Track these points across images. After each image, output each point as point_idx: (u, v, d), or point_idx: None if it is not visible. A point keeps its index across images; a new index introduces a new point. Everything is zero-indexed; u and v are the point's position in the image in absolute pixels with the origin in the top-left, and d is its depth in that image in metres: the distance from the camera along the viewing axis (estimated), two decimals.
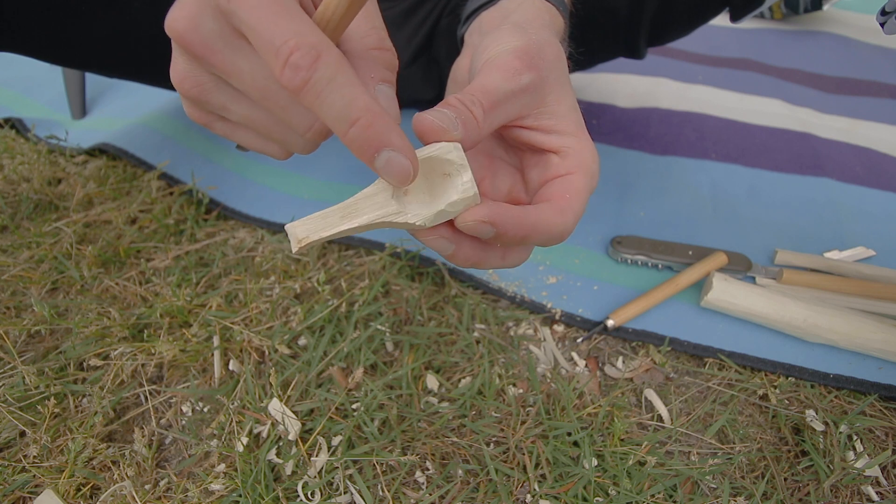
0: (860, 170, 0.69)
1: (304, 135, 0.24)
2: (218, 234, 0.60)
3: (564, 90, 0.27)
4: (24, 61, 0.98)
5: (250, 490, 0.39)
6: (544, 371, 0.47)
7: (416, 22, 0.63)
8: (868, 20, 1.13)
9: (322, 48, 0.19)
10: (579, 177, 0.26)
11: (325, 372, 0.47)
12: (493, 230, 0.23)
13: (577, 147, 0.26)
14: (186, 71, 0.23)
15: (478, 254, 0.26)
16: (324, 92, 0.19)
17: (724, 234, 0.59)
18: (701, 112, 0.80)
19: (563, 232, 0.25)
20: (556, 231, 0.24)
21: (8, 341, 0.49)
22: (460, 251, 0.25)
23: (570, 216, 0.25)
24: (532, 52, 0.26)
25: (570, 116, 0.27)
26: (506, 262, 0.27)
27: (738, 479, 0.41)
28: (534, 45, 0.26)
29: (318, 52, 0.19)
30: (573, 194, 0.25)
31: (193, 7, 0.21)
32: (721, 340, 0.49)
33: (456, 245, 0.25)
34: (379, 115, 0.20)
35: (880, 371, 0.46)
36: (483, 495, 0.39)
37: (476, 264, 0.26)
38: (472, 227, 0.23)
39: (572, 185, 0.26)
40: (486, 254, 0.26)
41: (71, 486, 0.40)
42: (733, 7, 0.55)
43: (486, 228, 0.23)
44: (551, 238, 0.25)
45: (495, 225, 0.23)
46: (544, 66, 0.26)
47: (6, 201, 0.64)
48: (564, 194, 0.25)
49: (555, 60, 0.27)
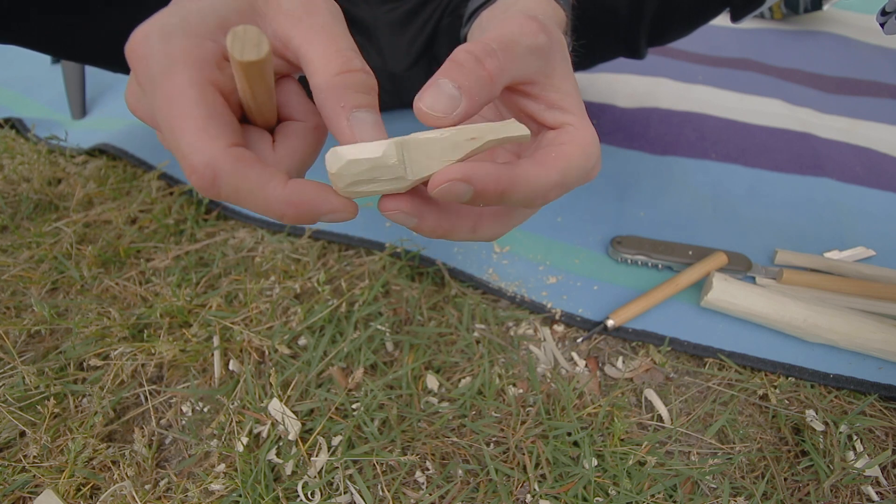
0: (860, 170, 0.69)
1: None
2: (218, 234, 0.60)
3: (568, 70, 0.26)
4: (25, 61, 0.98)
5: (250, 490, 0.39)
6: (544, 371, 0.47)
7: (418, 23, 0.63)
8: (868, 20, 1.13)
9: (217, 163, 0.19)
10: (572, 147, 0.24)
11: (325, 372, 0.47)
12: (470, 190, 0.21)
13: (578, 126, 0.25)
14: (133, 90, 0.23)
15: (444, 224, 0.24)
16: (238, 201, 0.20)
17: (724, 234, 0.59)
18: (701, 112, 0.80)
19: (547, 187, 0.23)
20: (539, 185, 0.22)
21: (8, 341, 0.49)
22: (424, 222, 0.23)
23: (555, 173, 0.23)
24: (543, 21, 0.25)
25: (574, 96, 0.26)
26: (477, 233, 0.25)
27: (738, 479, 0.41)
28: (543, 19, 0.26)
29: (213, 169, 0.19)
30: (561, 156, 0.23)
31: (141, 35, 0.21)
32: (721, 340, 0.49)
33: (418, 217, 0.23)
34: (298, 204, 0.20)
35: (880, 371, 0.46)
36: (483, 495, 0.39)
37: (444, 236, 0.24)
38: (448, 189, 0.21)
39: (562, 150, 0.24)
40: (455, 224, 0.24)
41: (71, 486, 0.40)
42: (733, 7, 0.55)
43: (462, 188, 0.21)
44: (532, 194, 0.22)
45: (472, 183, 0.21)
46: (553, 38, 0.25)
47: (6, 201, 0.64)
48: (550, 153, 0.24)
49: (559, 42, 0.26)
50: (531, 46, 0.24)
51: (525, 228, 0.60)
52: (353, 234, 0.58)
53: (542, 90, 0.25)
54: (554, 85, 0.25)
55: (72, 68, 0.80)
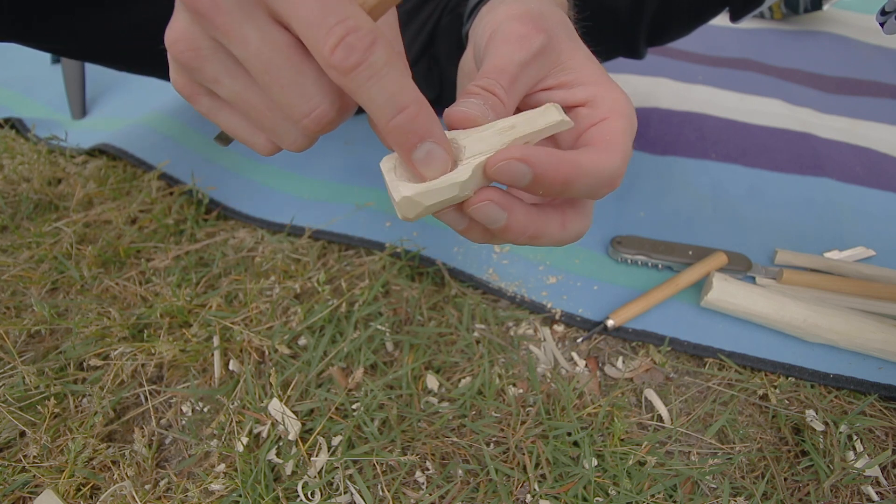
0: (860, 170, 0.69)
1: (300, 121, 0.21)
2: (218, 234, 0.60)
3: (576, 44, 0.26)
4: (25, 61, 0.98)
5: (250, 490, 0.39)
6: (544, 371, 0.47)
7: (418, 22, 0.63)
8: (868, 20, 1.13)
9: (377, 34, 0.18)
10: (615, 119, 0.23)
11: (325, 372, 0.47)
12: (529, 171, 0.20)
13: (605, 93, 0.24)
14: (184, 30, 0.21)
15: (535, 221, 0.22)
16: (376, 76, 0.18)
17: (724, 234, 0.59)
18: (701, 112, 0.80)
19: (613, 173, 0.22)
20: (605, 172, 0.21)
21: (8, 341, 0.49)
22: (514, 217, 0.22)
23: (618, 156, 0.22)
24: (534, 15, 0.25)
25: (589, 66, 0.25)
26: (567, 231, 0.24)
27: (738, 479, 0.41)
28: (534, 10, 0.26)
29: (374, 36, 0.18)
30: (614, 135, 0.23)
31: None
32: (721, 340, 0.49)
33: (508, 211, 0.22)
34: (426, 106, 0.20)
35: (880, 371, 0.46)
36: (483, 495, 0.39)
37: (534, 236, 0.23)
38: (505, 168, 0.20)
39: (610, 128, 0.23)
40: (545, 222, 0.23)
41: (71, 486, 0.40)
42: (733, 7, 0.55)
43: (520, 168, 0.20)
44: (600, 181, 0.22)
45: (530, 163, 0.20)
46: (550, 26, 0.25)
47: (6, 201, 0.64)
48: (605, 136, 0.23)
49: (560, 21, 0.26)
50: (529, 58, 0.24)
51: None
52: (353, 234, 0.58)
53: (555, 78, 0.25)
54: (564, 67, 0.25)
55: (72, 68, 0.80)
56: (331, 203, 0.63)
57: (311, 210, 0.62)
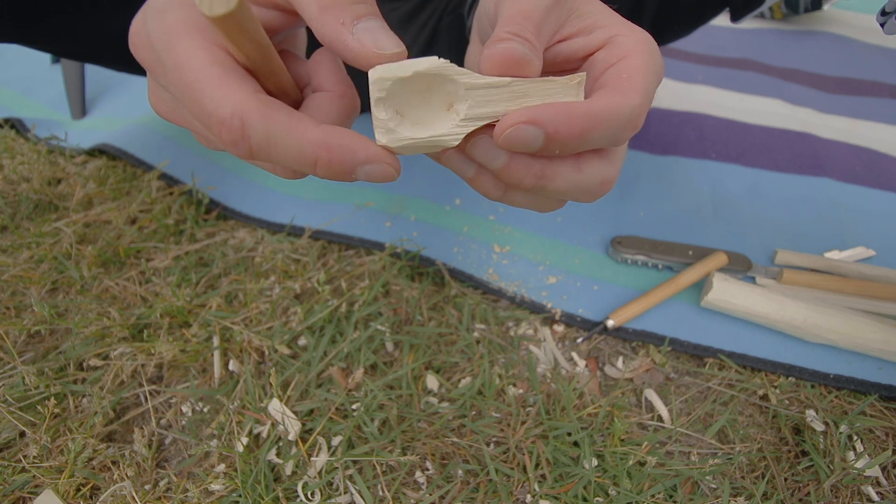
0: (860, 170, 0.69)
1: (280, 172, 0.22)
2: (218, 234, 0.60)
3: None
4: (24, 61, 0.98)
5: (250, 490, 0.39)
6: (544, 371, 0.47)
7: (419, 23, 0.63)
8: (868, 20, 1.13)
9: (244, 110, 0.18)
10: (633, 57, 0.21)
11: (325, 372, 0.47)
12: (541, 133, 0.18)
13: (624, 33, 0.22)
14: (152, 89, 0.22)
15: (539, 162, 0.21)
16: (270, 151, 0.18)
17: (724, 234, 0.59)
18: (701, 112, 0.80)
19: (632, 114, 0.20)
20: (623, 114, 0.19)
21: (8, 341, 0.49)
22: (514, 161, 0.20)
23: (636, 95, 0.20)
24: None
25: (605, 10, 0.24)
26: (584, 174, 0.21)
27: (738, 479, 0.41)
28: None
29: (241, 116, 0.18)
30: (632, 72, 0.21)
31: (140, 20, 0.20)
32: (721, 340, 0.49)
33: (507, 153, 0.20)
34: (334, 148, 0.18)
35: (880, 371, 0.46)
36: (483, 495, 0.39)
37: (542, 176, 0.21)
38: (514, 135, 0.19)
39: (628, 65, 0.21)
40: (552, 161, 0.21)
41: (71, 486, 0.40)
42: (733, 7, 0.54)
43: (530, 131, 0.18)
44: (619, 126, 0.20)
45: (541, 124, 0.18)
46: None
47: (6, 201, 0.64)
48: (621, 75, 0.21)
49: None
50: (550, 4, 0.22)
51: (525, 228, 0.60)
52: (353, 235, 0.58)
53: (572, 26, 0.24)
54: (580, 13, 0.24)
55: (72, 68, 0.80)
56: (331, 203, 0.63)
57: (310, 210, 0.62)
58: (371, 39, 0.20)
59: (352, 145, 0.19)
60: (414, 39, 0.63)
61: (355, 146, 0.19)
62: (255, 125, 0.18)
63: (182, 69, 0.18)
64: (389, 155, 0.20)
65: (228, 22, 0.16)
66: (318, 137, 0.18)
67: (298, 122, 0.18)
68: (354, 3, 0.20)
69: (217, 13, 0.16)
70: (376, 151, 0.19)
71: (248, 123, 0.18)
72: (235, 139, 0.18)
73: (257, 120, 0.18)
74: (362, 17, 0.20)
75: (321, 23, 0.20)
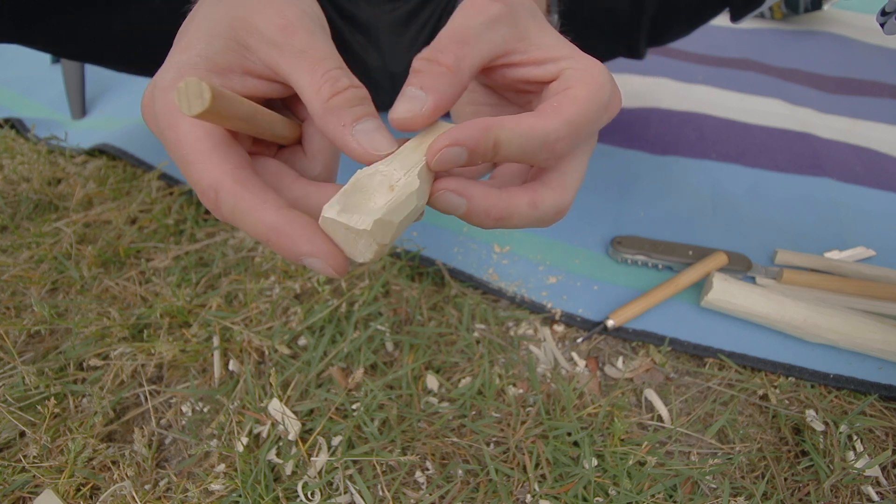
0: (860, 170, 0.69)
1: None
2: (218, 234, 0.60)
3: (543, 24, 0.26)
4: (24, 61, 0.98)
5: (250, 490, 0.39)
6: (544, 371, 0.47)
7: (419, 23, 0.63)
8: (868, 20, 1.13)
9: (218, 185, 0.20)
10: (576, 88, 0.23)
11: (325, 372, 0.47)
12: (464, 149, 0.21)
13: (577, 65, 0.23)
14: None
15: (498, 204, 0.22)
16: (234, 221, 0.21)
17: (724, 234, 0.59)
18: (701, 112, 0.80)
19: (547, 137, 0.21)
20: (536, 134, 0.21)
21: (8, 341, 0.49)
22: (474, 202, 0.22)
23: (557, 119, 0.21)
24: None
25: (560, 45, 0.25)
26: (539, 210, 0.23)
27: (738, 479, 0.41)
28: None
29: (215, 190, 0.21)
30: (564, 101, 0.22)
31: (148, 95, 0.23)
32: (721, 340, 0.49)
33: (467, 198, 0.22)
34: (282, 234, 0.20)
35: (880, 371, 0.46)
36: (483, 495, 0.39)
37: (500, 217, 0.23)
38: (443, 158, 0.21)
39: (567, 95, 0.22)
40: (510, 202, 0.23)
41: (71, 486, 0.40)
42: (733, 7, 0.54)
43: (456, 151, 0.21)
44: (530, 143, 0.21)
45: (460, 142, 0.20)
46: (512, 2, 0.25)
47: (6, 201, 0.64)
48: (551, 103, 0.22)
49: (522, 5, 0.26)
50: (486, 21, 0.24)
51: (525, 228, 0.60)
52: None
53: (524, 54, 0.25)
54: (533, 43, 0.25)
55: (72, 68, 0.80)
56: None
57: None
58: (369, 142, 0.22)
59: (296, 235, 0.20)
60: (414, 39, 0.63)
61: (299, 238, 0.20)
62: (224, 199, 0.21)
63: (179, 143, 0.21)
64: (332, 253, 0.20)
65: (207, 115, 0.19)
66: (271, 221, 0.20)
67: (262, 202, 0.20)
68: (353, 105, 0.23)
69: (194, 112, 0.18)
70: (316, 248, 0.20)
71: (220, 195, 0.21)
72: (212, 207, 0.21)
73: (227, 193, 0.21)
74: (361, 119, 0.22)
75: (324, 122, 0.23)
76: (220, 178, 0.21)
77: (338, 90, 0.22)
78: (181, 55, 0.23)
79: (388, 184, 0.21)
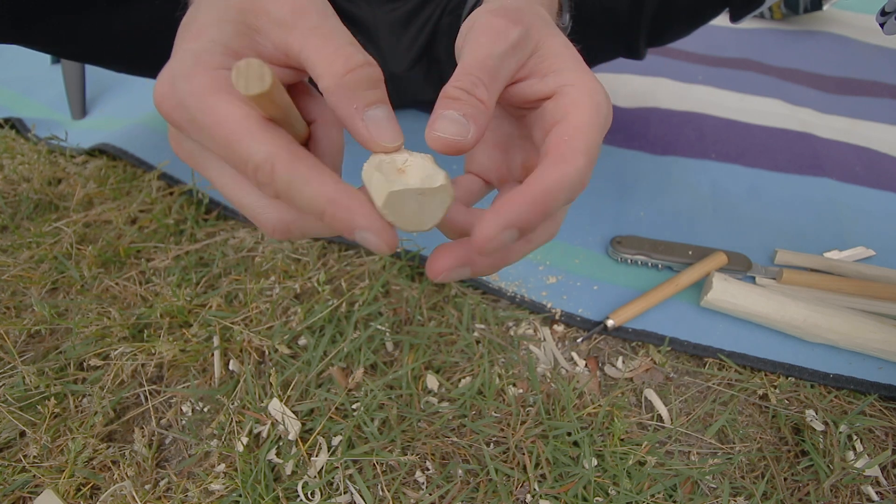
0: (860, 170, 0.69)
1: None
2: (218, 234, 0.60)
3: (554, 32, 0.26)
4: (24, 61, 0.98)
5: (250, 490, 0.39)
6: (544, 371, 0.47)
7: (419, 23, 0.63)
8: (868, 20, 1.13)
9: (274, 157, 0.20)
10: (578, 113, 0.23)
11: (325, 372, 0.47)
12: (515, 233, 0.21)
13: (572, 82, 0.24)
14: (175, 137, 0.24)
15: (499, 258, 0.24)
16: (290, 194, 0.20)
17: (724, 234, 0.59)
18: (701, 112, 0.80)
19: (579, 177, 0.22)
20: (571, 181, 0.21)
21: (8, 341, 0.49)
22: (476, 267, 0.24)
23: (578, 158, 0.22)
24: (509, 9, 0.25)
25: (563, 53, 0.25)
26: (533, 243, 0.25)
27: (738, 479, 0.41)
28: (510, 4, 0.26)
29: (272, 163, 0.20)
30: (573, 134, 0.23)
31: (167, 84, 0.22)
32: (721, 340, 0.49)
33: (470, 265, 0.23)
34: (340, 206, 0.20)
35: (880, 371, 0.46)
36: (483, 495, 0.39)
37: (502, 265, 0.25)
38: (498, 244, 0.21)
39: (570, 125, 0.23)
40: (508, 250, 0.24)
41: (71, 486, 0.40)
42: (733, 7, 0.54)
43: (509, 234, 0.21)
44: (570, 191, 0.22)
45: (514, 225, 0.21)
46: (526, 19, 0.25)
47: (6, 201, 0.64)
48: (563, 138, 0.23)
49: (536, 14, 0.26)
50: (508, 50, 0.24)
51: None
52: None
53: (531, 69, 0.25)
54: (538, 55, 0.25)
55: (72, 68, 0.80)
56: None
57: None
58: (378, 131, 0.22)
59: (354, 208, 0.20)
60: (414, 39, 0.63)
61: (357, 210, 0.21)
62: (281, 171, 0.20)
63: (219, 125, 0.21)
64: (385, 228, 0.21)
65: (262, 99, 0.19)
66: (331, 193, 0.20)
67: (318, 174, 0.20)
68: (367, 88, 0.22)
69: (252, 92, 0.18)
70: (373, 222, 0.21)
71: (277, 169, 0.20)
72: (265, 180, 0.20)
73: (284, 166, 0.20)
74: (373, 105, 0.22)
75: (335, 98, 0.22)
76: (276, 151, 0.20)
77: (351, 67, 0.22)
78: (193, 43, 0.22)
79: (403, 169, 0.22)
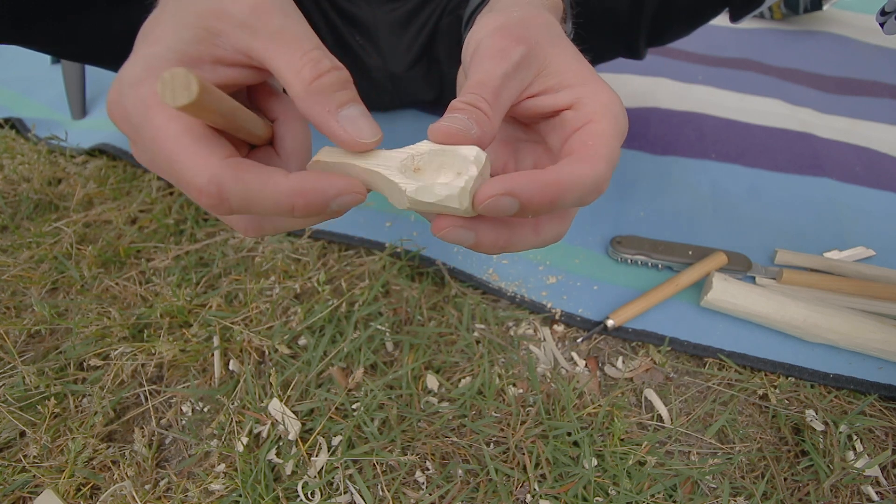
0: (860, 170, 0.69)
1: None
2: (218, 233, 0.60)
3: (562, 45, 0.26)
4: (24, 61, 0.98)
5: (250, 490, 0.39)
6: (544, 371, 0.47)
7: (418, 24, 0.63)
8: (868, 20, 1.13)
9: (217, 175, 0.19)
10: (599, 122, 0.23)
11: (325, 372, 0.47)
12: (516, 202, 0.20)
13: (591, 94, 0.24)
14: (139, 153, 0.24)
15: (504, 235, 0.23)
16: (249, 206, 0.20)
17: (724, 233, 0.59)
18: (701, 112, 0.80)
19: (597, 182, 0.22)
20: (589, 182, 0.21)
21: (8, 341, 0.49)
22: (483, 237, 0.23)
23: (600, 163, 0.22)
24: (512, 26, 0.25)
25: (574, 67, 0.25)
26: (541, 236, 0.24)
27: (738, 479, 0.41)
28: (514, 19, 0.26)
29: (217, 183, 0.19)
30: (596, 139, 0.23)
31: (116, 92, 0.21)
32: (721, 340, 0.49)
33: (475, 232, 0.22)
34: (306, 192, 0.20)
35: (880, 371, 0.46)
36: (483, 495, 0.39)
37: (506, 247, 0.24)
38: (493, 205, 0.21)
39: (593, 132, 0.23)
40: (514, 232, 0.23)
41: (71, 486, 0.40)
42: (733, 7, 0.54)
43: (507, 201, 0.20)
44: (585, 192, 0.22)
45: (515, 195, 0.20)
46: (532, 34, 0.25)
47: (6, 201, 0.64)
48: (587, 142, 0.23)
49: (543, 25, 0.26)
50: (510, 70, 0.24)
51: None
52: (354, 234, 0.58)
53: (540, 84, 0.25)
54: (549, 71, 0.25)
55: (72, 68, 0.80)
56: None
57: None
58: (354, 129, 0.22)
59: (322, 186, 0.21)
60: (414, 40, 0.63)
61: (325, 186, 0.21)
62: (230, 186, 0.19)
63: (158, 140, 0.20)
64: (355, 182, 0.22)
65: (192, 108, 0.18)
66: (291, 186, 0.20)
67: (270, 176, 0.20)
68: (336, 90, 0.22)
69: (180, 104, 0.17)
70: (344, 184, 0.21)
71: (224, 186, 0.19)
72: (214, 203, 0.20)
73: (232, 181, 0.19)
74: (345, 105, 0.22)
75: (307, 106, 0.22)
76: (219, 171, 0.19)
77: (320, 72, 0.22)
78: (149, 48, 0.22)
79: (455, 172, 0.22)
